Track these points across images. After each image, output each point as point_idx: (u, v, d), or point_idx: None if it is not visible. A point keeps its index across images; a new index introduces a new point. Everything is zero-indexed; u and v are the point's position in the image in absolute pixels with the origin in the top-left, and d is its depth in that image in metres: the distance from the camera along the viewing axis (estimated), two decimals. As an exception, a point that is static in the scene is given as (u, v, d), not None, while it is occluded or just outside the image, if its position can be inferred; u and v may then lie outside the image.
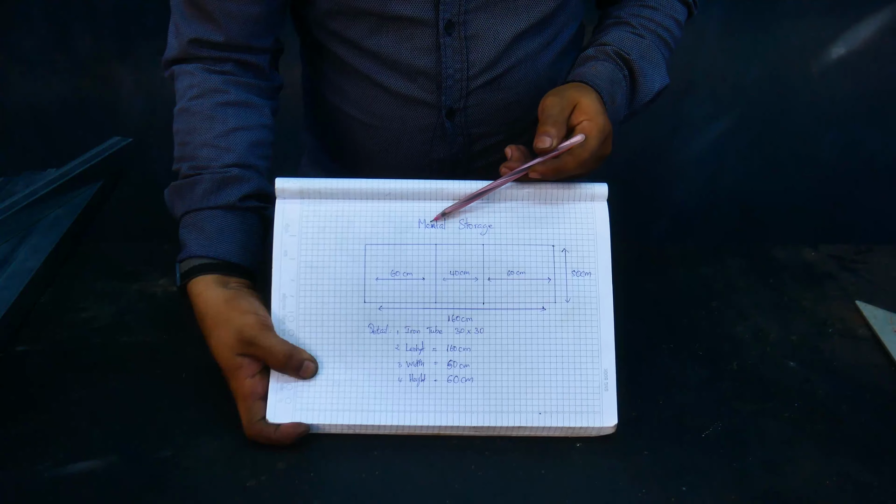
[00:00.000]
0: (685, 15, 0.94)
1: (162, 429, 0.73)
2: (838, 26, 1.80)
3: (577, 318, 0.75)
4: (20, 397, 0.77)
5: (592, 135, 0.75)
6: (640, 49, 0.88)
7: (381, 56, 0.88)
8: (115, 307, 0.90)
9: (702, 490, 0.68)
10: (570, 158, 0.75)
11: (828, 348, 0.86)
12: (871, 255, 1.04)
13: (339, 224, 0.77)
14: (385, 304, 0.75)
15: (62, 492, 0.66)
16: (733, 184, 1.96)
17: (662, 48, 0.90)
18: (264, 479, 0.68)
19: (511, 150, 0.76)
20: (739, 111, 1.89)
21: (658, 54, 0.90)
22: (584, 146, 0.75)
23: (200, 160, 0.81)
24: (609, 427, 0.73)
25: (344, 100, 0.95)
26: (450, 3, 0.85)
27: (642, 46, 0.88)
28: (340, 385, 0.73)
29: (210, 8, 0.84)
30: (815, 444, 0.73)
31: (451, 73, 0.88)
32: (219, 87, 0.84)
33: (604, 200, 0.78)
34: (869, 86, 1.85)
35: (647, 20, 0.90)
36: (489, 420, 0.72)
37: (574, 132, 0.75)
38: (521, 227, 0.77)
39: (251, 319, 0.72)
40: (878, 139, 1.91)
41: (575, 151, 0.75)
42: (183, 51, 0.86)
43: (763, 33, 1.81)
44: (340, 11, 0.87)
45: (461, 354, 0.74)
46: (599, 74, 0.83)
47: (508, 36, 0.88)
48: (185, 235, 0.79)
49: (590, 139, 0.75)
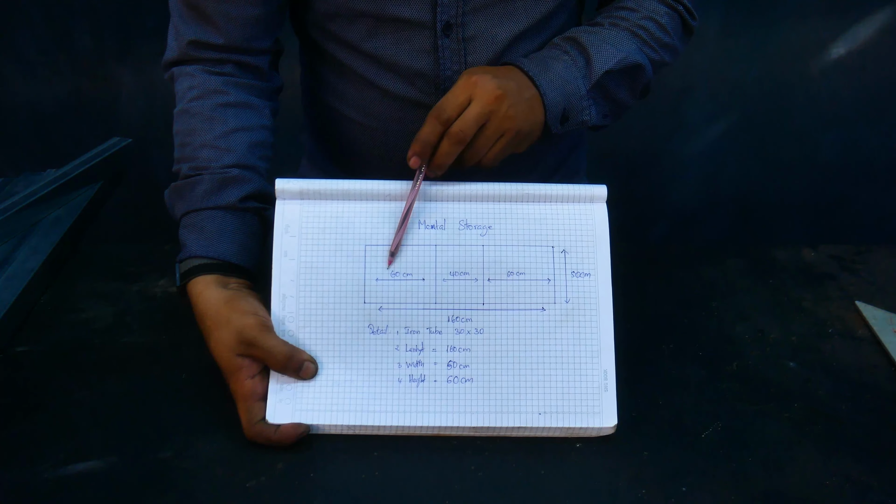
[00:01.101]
0: (671, 20, 0.90)
1: (162, 429, 0.73)
2: (838, 26, 1.80)
3: (577, 319, 0.75)
4: (20, 397, 0.77)
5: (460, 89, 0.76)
6: (589, 30, 0.86)
7: (379, 58, 0.88)
8: (115, 308, 0.90)
9: (702, 490, 0.68)
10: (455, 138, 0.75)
11: (828, 349, 0.86)
12: (871, 255, 1.04)
13: (338, 225, 0.77)
14: (385, 305, 0.75)
15: (62, 492, 0.66)
16: (733, 184, 1.96)
17: (626, 39, 0.86)
18: (264, 479, 0.68)
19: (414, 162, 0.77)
20: (739, 111, 1.89)
21: (618, 36, 0.86)
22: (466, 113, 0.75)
23: (200, 161, 0.81)
24: (609, 427, 0.73)
25: (342, 102, 0.95)
26: (448, 5, 0.85)
27: (594, 30, 0.86)
28: (340, 385, 0.73)
29: (209, 10, 0.84)
30: (815, 444, 0.73)
31: (449, 75, 0.89)
32: (219, 88, 0.84)
33: (603, 202, 0.78)
34: (869, 86, 1.85)
35: (620, 19, 0.88)
36: (489, 420, 0.72)
37: None
38: (520, 229, 0.77)
39: (251, 320, 0.72)
40: (877, 139, 1.91)
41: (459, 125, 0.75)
42: (182, 53, 0.86)
43: (763, 33, 1.81)
44: (338, 14, 0.87)
45: (461, 355, 0.74)
46: (525, 58, 0.83)
47: (506, 38, 0.88)
48: (185, 236, 0.79)
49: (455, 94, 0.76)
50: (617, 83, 0.86)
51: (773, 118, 1.89)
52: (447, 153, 0.76)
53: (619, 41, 0.85)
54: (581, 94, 0.83)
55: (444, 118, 0.76)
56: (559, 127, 0.83)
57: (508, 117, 0.77)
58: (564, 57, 0.84)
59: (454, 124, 0.76)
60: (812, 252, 1.04)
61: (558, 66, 0.82)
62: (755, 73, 1.85)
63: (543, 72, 0.81)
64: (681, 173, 1.96)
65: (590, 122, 0.86)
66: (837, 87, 1.85)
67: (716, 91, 1.87)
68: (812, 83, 1.85)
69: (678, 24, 0.91)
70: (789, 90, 1.86)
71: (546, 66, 0.82)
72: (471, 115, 0.76)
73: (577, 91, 0.83)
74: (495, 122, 0.76)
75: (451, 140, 0.76)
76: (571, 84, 0.83)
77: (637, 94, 0.90)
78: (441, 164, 0.77)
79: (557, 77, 0.82)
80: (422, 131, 0.76)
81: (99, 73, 1.81)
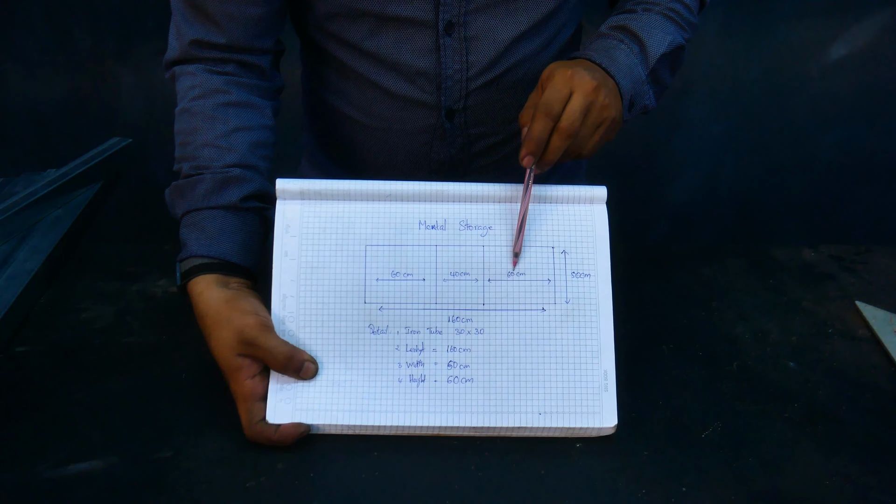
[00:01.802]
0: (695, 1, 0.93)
1: (162, 429, 0.73)
2: (838, 26, 1.80)
3: (577, 319, 0.75)
4: (20, 397, 0.77)
5: (550, 86, 0.75)
6: (631, 17, 0.87)
7: (380, 57, 0.88)
8: (115, 307, 0.90)
9: (702, 490, 0.68)
10: (553, 133, 0.75)
11: (828, 349, 0.86)
12: (871, 255, 1.04)
13: (339, 225, 0.77)
14: (385, 305, 0.75)
15: (62, 492, 0.66)
16: (733, 184, 1.96)
17: (665, 22, 0.89)
18: (264, 479, 0.68)
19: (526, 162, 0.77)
20: (739, 111, 1.89)
21: (658, 20, 0.88)
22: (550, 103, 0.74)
23: (202, 160, 0.81)
24: (609, 427, 0.73)
25: (343, 101, 0.95)
26: (450, 4, 0.85)
27: (635, 16, 0.88)
28: (340, 385, 0.73)
29: (211, 10, 0.84)
30: (815, 444, 0.73)
31: (450, 74, 0.89)
32: (220, 87, 0.84)
33: (603, 203, 0.78)
34: (869, 86, 1.85)
35: (651, 3, 0.89)
36: (489, 420, 0.72)
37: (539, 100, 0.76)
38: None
39: (252, 320, 0.72)
40: (877, 139, 1.91)
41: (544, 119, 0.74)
42: (184, 52, 0.86)
43: (763, 33, 1.81)
44: (339, 13, 0.87)
45: (461, 355, 0.74)
46: (584, 48, 0.84)
47: (508, 37, 0.88)
48: (186, 235, 0.79)
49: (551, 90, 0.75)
50: (664, 66, 0.88)
51: (772, 118, 1.89)
52: (558, 147, 0.75)
53: (663, 25, 0.87)
54: (642, 79, 0.85)
55: (554, 113, 0.74)
56: (627, 114, 0.84)
57: (605, 106, 0.77)
58: (622, 46, 0.84)
59: (562, 119, 0.75)
60: (812, 252, 1.04)
61: (621, 55, 0.83)
62: (755, 73, 1.85)
63: (612, 62, 0.82)
64: (680, 173, 1.96)
65: (650, 106, 0.88)
66: (837, 87, 1.85)
67: (716, 91, 1.87)
68: (812, 83, 1.85)
69: (699, 4, 0.93)
70: (789, 90, 1.86)
71: (612, 56, 0.82)
72: (576, 107, 0.75)
73: (639, 77, 0.84)
74: (595, 112, 0.76)
75: (561, 135, 0.75)
76: (635, 71, 0.84)
77: (674, 74, 0.91)
78: (551, 161, 0.76)
79: (624, 66, 0.82)
80: (533, 129, 0.75)
81: (99, 73, 1.81)
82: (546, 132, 0.75)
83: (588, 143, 0.77)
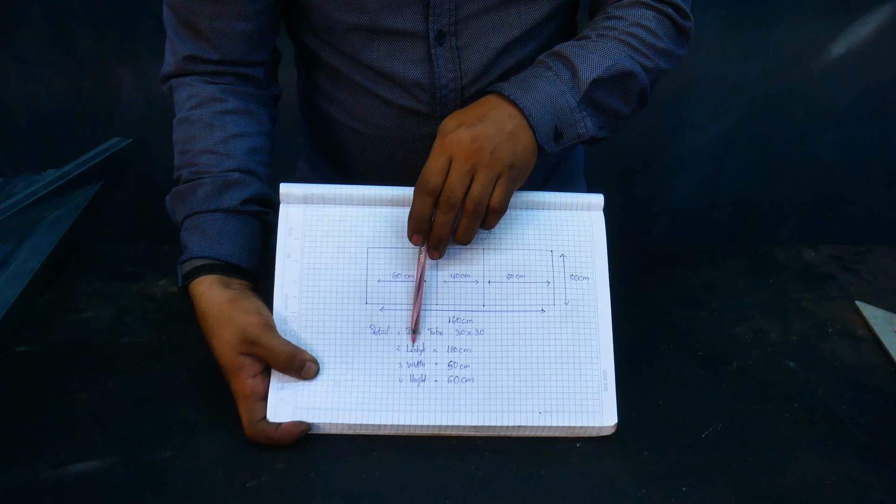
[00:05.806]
0: (661, 24, 0.85)
1: (162, 429, 0.73)
2: (838, 26, 1.80)
3: (576, 320, 0.75)
4: (20, 397, 0.77)
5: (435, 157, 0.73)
6: (575, 43, 0.82)
7: (374, 68, 0.88)
8: (115, 307, 0.90)
9: (702, 490, 0.68)
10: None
11: (828, 349, 0.86)
12: (871, 255, 1.04)
13: (341, 228, 0.77)
14: (386, 306, 0.75)
15: (62, 492, 0.66)
16: (733, 184, 1.96)
17: (616, 47, 0.82)
18: (264, 479, 0.68)
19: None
20: (739, 111, 1.89)
21: (606, 45, 0.82)
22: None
23: (201, 166, 0.81)
24: (609, 427, 0.73)
25: (338, 108, 0.95)
26: (440, 14, 0.85)
27: (581, 42, 0.82)
28: (341, 385, 0.73)
29: (201, 27, 0.84)
30: (815, 444, 0.73)
31: (444, 83, 0.88)
32: (217, 95, 0.84)
33: (600, 210, 0.79)
34: (869, 86, 1.85)
35: (608, 29, 0.83)
36: (489, 420, 0.72)
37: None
38: (520, 233, 0.78)
39: (254, 319, 0.72)
40: (877, 139, 1.91)
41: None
42: (179, 67, 0.86)
43: (763, 33, 1.81)
44: (332, 27, 0.87)
45: (461, 355, 0.74)
46: (506, 82, 0.79)
47: (500, 44, 0.87)
48: (187, 238, 0.79)
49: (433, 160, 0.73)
50: (608, 92, 0.81)
51: (773, 118, 1.89)
52: (444, 223, 0.73)
53: (607, 50, 0.81)
54: (571, 107, 0.79)
55: (430, 188, 0.72)
56: (554, 145, 0.79)
57: (495, 160, 0.72)
58: (547, 73, 0.80)
59: (442, 192, 0.72)
60: (812, 252, 1.04)
61: (541, 83, 0.78)
62: (755, 73, 1.85)
63: (525, 93, 0.77)
64: (681, 173, 1.96)
65: (586, 135, 0.81)
66: (837, 87, 1.86)
67: (716, 91, 1.87)
68: (812, 83, 1.85)
69: (669, 27, 0.86)
70: (789, 90, 1.86)
71: (528, 85, 0.78)
72: (454, 177, 0.72)
73: (566, 105, 0.78)
74: (483, 170, 0.72)
75: (442, 209, 0.72)
76: (559, 99, 0.78)
77: (632, 103, 0.85)
78: (441, 235, 0.73)
79: (542, 94, 0.77)
80: (413, 208, 0.73)
81: (99, 73, 1.81)
82: (426, 208, 0.73)
83: (489, 199, 0.73)
